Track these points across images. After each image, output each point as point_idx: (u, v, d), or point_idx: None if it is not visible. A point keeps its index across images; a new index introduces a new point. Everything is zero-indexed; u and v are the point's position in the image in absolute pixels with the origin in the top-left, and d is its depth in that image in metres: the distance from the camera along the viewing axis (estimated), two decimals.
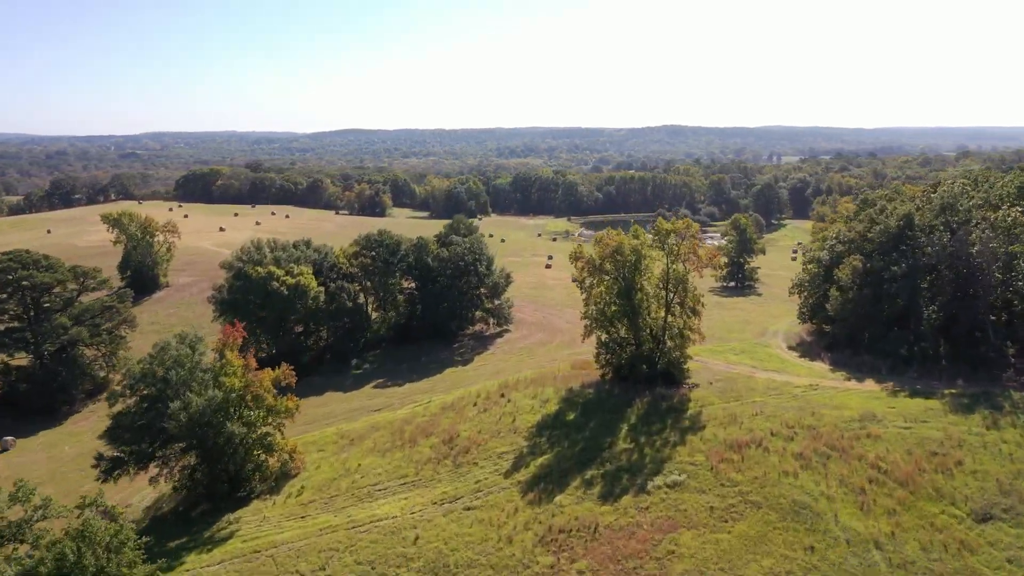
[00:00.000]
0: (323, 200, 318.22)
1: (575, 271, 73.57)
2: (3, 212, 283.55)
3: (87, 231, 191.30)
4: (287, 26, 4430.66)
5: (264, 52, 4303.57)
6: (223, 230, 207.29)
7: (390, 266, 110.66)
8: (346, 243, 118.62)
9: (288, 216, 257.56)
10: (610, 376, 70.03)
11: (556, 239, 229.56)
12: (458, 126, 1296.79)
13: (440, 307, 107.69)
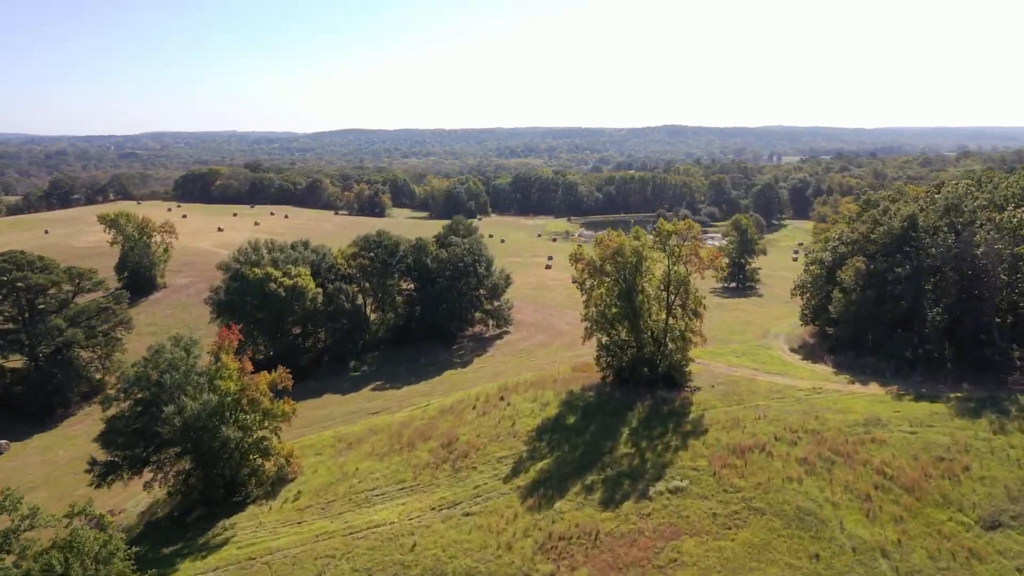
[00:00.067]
0: (322, 200, 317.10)
1: (575, 272, 72.82)
2: (1, 212, 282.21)
3: (85, 231, 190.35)
4: (287, 26, 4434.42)
5: (264, 52, 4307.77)
6: (222, 230, 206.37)
7: (389, 267, 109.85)
8: (345, 244, 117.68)
9: (287, 216, 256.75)
10: (611, 379, 69.31)
11: (556, 239, 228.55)
12: (458, 126, 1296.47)
13: (439, 308, 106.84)
